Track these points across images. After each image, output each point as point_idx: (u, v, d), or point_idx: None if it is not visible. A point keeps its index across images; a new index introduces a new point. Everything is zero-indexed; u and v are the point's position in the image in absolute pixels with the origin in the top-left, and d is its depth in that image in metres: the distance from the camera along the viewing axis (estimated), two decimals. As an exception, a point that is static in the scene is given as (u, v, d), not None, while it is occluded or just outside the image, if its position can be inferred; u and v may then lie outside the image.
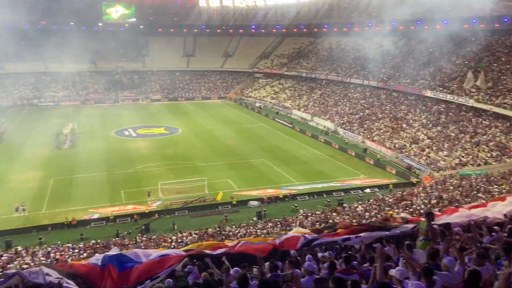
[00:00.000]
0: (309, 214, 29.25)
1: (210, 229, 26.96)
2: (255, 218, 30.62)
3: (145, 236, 26.93)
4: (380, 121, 54.52)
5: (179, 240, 24.66)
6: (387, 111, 56.58)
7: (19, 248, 24.57)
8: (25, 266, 19.16)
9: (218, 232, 26.03)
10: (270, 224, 27.56)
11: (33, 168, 41.25)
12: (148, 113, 72.39)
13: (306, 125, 62.81)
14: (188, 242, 23.23)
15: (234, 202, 33.57)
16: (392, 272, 6.09)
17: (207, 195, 34.54)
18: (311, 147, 50.95)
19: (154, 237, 26.50)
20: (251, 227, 27.04)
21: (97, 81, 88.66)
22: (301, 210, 31.18)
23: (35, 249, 24.20)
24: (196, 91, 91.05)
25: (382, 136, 50.11)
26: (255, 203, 33.99)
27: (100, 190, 35.86)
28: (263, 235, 23.25)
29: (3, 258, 22.46)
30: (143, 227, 29.02)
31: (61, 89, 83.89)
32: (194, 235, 25.45)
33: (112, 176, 39.20)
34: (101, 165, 42.51)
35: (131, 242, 24.69)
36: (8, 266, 20.02)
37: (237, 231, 26.19)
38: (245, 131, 59.36)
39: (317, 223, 25.39)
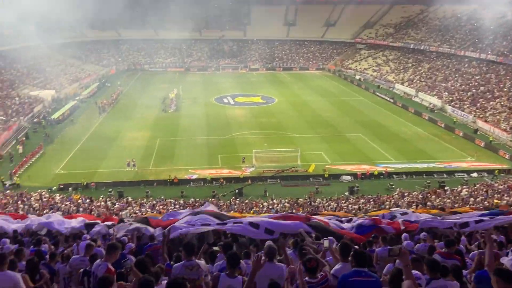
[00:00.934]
0: (406, 194, 27.79)
1: (300, 199, 27.18)
2: (346, 193, 30.06)
3: (238, 199, 28.11)
4: (497, 99, 48.82)
5: (270, 207, 25.31)
6: (505, 89, 50.39)
7: (130, 199, 27.50)
8: (133, 215, 21.39)
9: (309, 203, 26.12)
10: (362, 200, 26.83)
11: (143, 128, 45.18)
12: (247, 82, 74.03)
13: (410, 100, 58.85)
14: (278, 210, 23.74)
15: (326, 175, 33.23)
16: (504, 260, 5.55)
17: (299, 166, 34.68)
18: (413, 124, 47.80)
19: (246, 201, 27.54)
20: (342, 202, 26.63)
21: (200, 49, 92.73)
22: (397, 189, 29.76)
23: (142, 201, 26.81)
24: (295, 61, 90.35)
25: (497, 117, 44.94)
26: (347, 177, 33.29)
27: (199, 153, 38.07)
28: (354, 211, 22.77)
29: (116, 206, 25.32)
30: (237, 191, 30.33)
31: (169, 56, 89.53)
32: (285, 204, 25.89)
33: (210, 141, 41.28)
34: (201, 129, 44.95)
35: (225, 204, 25.97)
36: (120, 213, 22.50)
37: (327, 203, 26.01)
38: (343, 104, 57.67)
39: (414, 204, 24.06)
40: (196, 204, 25.55)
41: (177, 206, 25.57)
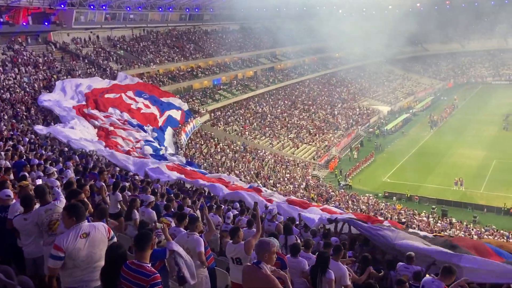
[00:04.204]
0: None
1: None
2: None
3: None
4: None
5: None
6: None
7: (453, 220, 25.71)
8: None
9: None
10: None
11: (477, 146, 41.14)
12: None
13: None
14: None
15: None
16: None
17: None
18: None
19: None
20: None
21: None
22: None
23: (468, 226, 24.50)
24: None
25: None
26: None
27: (549, 183, 31.08)
28: None
29: (438, 224, 24.26)
30: None
31: (519, 67, 77.37)
32: None
33: None
34: (555, 154, 36.57)
35: None
36: (444, 233, 21.35)
37: None
38: None
39: None
40: None
41: (511, 240, 21.78)
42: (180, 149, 28.45)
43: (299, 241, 7.02)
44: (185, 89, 43.57)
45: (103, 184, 8.52)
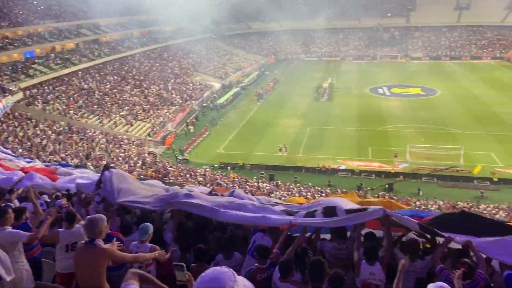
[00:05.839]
0: None
1: (460, 203, 24.43)
2: (521, 202, 25.77)
3: (387, 195, 26.82)
4: None
5: (423, 207, 23.45)
6: None
7: (279, 182, 28.84)
8: (282, 198, 22.34)
9: (471, 209, 23.30)
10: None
11: (295, 115, 46.56)
12: (406, 72, 69.22)
13: None
14: (433, 210, 21.81)
15: (495, 179, 29.06)
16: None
17: (461, 166, 31.11)
18: None
19: (395, 198, 26.06)
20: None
21: (358, 38, 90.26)
22: None
23: (290, 186, 27.82)
24: (465, 49, 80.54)
25: None
26: (523, 185, 28.49)
27: (349, 144, 37.44)
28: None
29: (267, 187, 26.86)
30: (387, 186, 28.96)
31: (325, 45, 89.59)
32: (440, 205, 23.67)
33: (361, 132, 40.18)
34: (352, 120, 44.07)
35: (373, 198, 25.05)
36: (271, 195, 23.78)
37: (494, 211, 22.79)
38: (523, 99, 49.30)
39: None
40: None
41: (324, 194, 25.72)
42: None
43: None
44: (-12, 63, 36.90)
45: None
